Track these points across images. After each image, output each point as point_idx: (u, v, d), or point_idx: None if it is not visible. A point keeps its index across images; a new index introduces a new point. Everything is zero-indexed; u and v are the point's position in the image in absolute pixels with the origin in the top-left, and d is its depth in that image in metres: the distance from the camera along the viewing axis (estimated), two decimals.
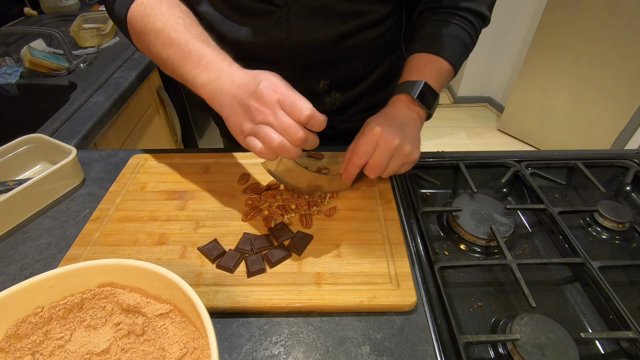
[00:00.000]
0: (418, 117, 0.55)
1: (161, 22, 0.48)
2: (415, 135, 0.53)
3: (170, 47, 0.47)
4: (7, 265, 0.49)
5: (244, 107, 0.43)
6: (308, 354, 0.39)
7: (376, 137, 0.50)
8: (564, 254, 0.53)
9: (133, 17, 0.51)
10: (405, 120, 0.53)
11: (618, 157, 0.66)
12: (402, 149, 0.50)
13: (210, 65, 0.45)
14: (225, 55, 0.47)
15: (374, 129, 0.50)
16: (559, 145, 2.23)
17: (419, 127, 0.55)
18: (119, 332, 0.36)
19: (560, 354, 0.38)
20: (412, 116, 0.54)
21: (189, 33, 0.47)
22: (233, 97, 0.43)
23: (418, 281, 0.46)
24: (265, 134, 0.41)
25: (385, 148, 0.50)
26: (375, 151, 0.50)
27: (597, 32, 1.86)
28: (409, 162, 0.53)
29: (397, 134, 0.50)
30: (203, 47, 0.46)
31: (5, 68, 1.03)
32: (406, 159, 0.52)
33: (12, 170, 0.61)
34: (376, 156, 0.50)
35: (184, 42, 0.46)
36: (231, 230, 0.52)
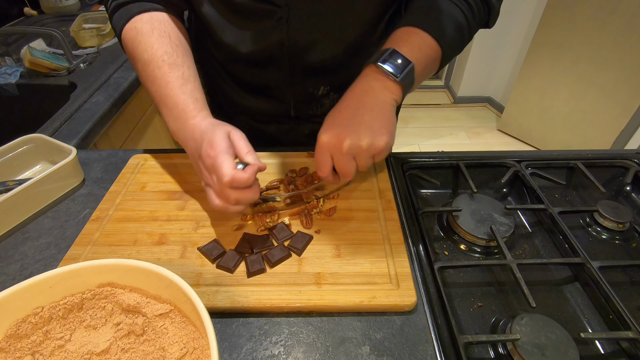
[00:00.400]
0: (385, 89, 0.47)
1: (148, 55, 0.50)
2: (377, 117, 0.46)
3: (153, 84, 0.51)
4: (7, 265, 0.49)
5: (197, 165, 0.47)
6: (308, 354, 0.39)
7: (325, 146, 0.46)
8: (564, 254, 0.53)
9: (126, 38, 0.54)
10: (363, 102, 0.47)
11: (618, 157, 0.66)
12: (358, 146, 0.45)
13: (179, 116, 0.49)
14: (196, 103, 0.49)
15: (320, 138, 0.47)
16: (559, 145, 2.23)
17: (386, 102, 0.47)
18: (119, 332, 0.36)
19: (560, 354, 0.38)
20: (373, 91, 0.47)
21: (170, 74, 0.50)
22: (191, 154, 0.48)
23: (418, 281, 0.46)
24: (209, 195, 0.45)
25: (338, 154, 0.46)
26: (333, 159, 0.47)
27: (597, 32, 1.86)
28: (377, 153, 0.46)
29: (346, 133, 0.45)
30: (178, 95, 0.49)
31: (5, 68, 1.03)
32: (369, 152, 0.46)
33: (12, 170, 0.61)
34: (337, 163, 0.47)
35: (164, 84, 0.50)
36: (231, 230, 0.52)
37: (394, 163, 0.64)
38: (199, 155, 0.46)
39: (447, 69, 2.91)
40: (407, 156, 0.65)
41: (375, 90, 0.47)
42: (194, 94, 0.50)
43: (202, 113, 0.49)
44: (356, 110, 0.46)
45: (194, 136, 0.47)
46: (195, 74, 0.52)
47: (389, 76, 0.47)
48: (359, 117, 0.46)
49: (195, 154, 0.46)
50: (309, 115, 0.69)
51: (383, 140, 0.45)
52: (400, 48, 0.47)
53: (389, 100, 0.47)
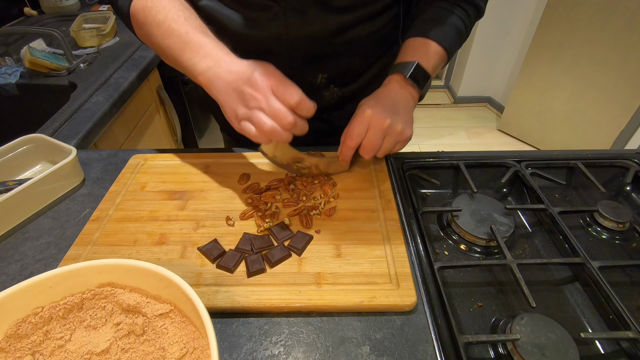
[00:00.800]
0: (410, 96, 0.56)
1: (162, 15, 0.51)
2: (407, 114, 0.55)
3: (171, 37, 0.50)
4: (7, 265, 0.49)
5: (239, 93, 0.46)
6: (308, 354, 0.39)
7: (367, 118, 0.52)
8: (564, 254, 0.53)
9: (135, 9, 0.54)
10: (397, 99, 0.55)
11: (618, 157, 0.66)
12: (394, 128, 0.52)
13: (208, 54, 0.48)
14: (223, 45, 0.50)
15: (365, 111, 0.52)
16: (559, 145, 2.23)
17: (412, 107, 0.57)
18: (119, 332, 0.36)
19: (560, 354, 0.38)
20: (404, 96, 0.56)
21: (188, 24, 0.50)
22: (229, 84, 0.47)
23: (418, 281, 0.46)
24: (258, 118, 0.45)
25: (377, 129, 0.52)
26: (367, 132, 0.52)
27: (597, 32, 1.86)
28: (402, 141, 0.54)
29: (388, 114, 0.52)
30: (202, 38, 0.49)
31: (5, 68, 1.03)
32: (399, 137, 0.53)
33: (12, 170, 0.61)
34: (369, 137, 0.52)
35: (184, 32, 0.49)
36: (231, 230, 0.52)
37: (394, 163, 0.64)
38: (246, 80, 0.46)
39: (447, 69, 2.91)
40: (407, 156, 0.65)
41: (404, 95, 0.56)
42: (216, 38, 0.51)
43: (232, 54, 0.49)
44: (392, 103, 0.54)
45: (237, 68, 0.47)
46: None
47: (415, 87, 0.56)
48: (395, 108, 0.54)
49: (240, 81, 0.46)
50: None
51: (410, 131, 0.55)
52: (421, 61, 0.56)
53: (413, 105, 0.57)
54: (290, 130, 0.46)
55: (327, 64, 0.65)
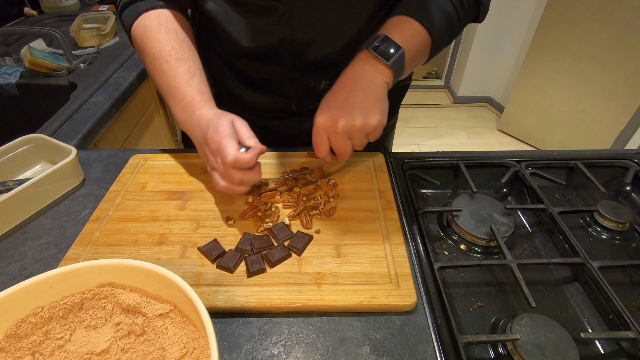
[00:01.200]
0: (377, 72, 0.50)
1: (157, 50, 0.54)
2: (369, 97, 0.49)
3: (161, 78, 0.54)
4: (7, 265, 0.49)
5: (202, 151, 0.51)
6: (308, 354, 0.39)
7: (321, 127, 0.50)
8: (564, 254, 0.53)
9: (135, 34, 0.57)
10: (356, 83, 0.50)
11: (618, 157, 0.66)
12: (351, 125, 0.48)
13: (186, 108, 0.52)
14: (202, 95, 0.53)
15: (316, 120, 0.50)
16: (559, 145, 2.23)
17: (378, 84, 0.50)
18: (119, 332, 0.36)
19: (560, 354, 0.39)
20: (366, 74, 0.50)
21: (178, 68, 0.53)
22: (197, 140, 0.52)
23: (418, 281, 0.46)
24: (214, 177, 0.49)
25: (334, 134, 0.49)
26: (330, 138, 0.50)
27: (597, 32, 1.86)
28: (371, 132, 0.50)
29: (340, 114, 0.48)
30: (185, 88, 0.52)
31: (5, 68, 1.03)
32: (363, 131, 0.49)
33: (12, 170, 0.61)
34: (333, 143, 0.51)
35: (172, 77, 0.53)
36: (231, 230, 0.52)
37: (394, 163, 0.64)
38: (205, 141, 0.49)
39: (447, 69, 2.91)
40: (407, 156, 0.65)
41: (367, 74, 0.50)
42: (200, 86, 0.53)
43: (208, 104, 0.52)
44: (349, 92, 0.49)
45: (200, 125, 0.50)
46: (200, 68, 0.56)
47: (381, 60, 0.50)
48: (351, 99, 0.49)
49: (202, 140, 0.50)
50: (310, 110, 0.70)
51: (375, 118, 0.48)
52: (392, 35, 0.50)
53: (380, 82, 0.50)
54: (241, 185, 0.48)
55: (330, 70, 0.64)
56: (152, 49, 0.54)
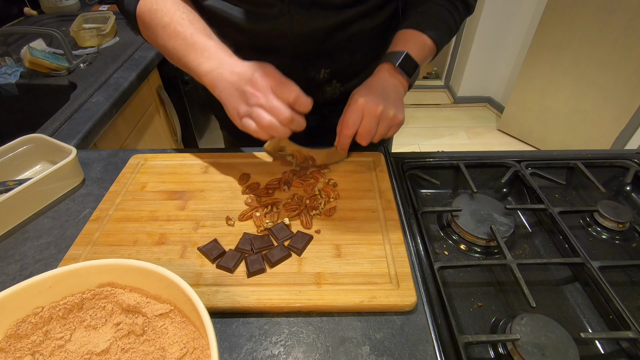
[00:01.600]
0: (400, 84, 0.58)
1: (168, 17, 0.54)
2: (398, 99, 0.56)
3: (177, 39, 0.53)
4: (7, 265, 0.49)
5: (241, 92, 0.49)
6: (308, 354, 0.39)
7: (361, 107, 0.53)
8: (564, 254, 0.53)
9: (141, 11, 0.57)
10: (387, 86, 0.56)
11: (618, 157, 0.66)
12: (386, 113, 0.54)
13: (212, 55, 0.51)
14: (226, 47, 0.53)
15: (358, 100, 0.53)
16: (559, 145, 2.23)
17: (401, 93, 0.58)
18: (119, 332, 0.36)
19: (560, 354, 0.39)
20: (393, 83, 0.58)
21: (193, 27, 0.53)
22: (232, 84, 0.50)
23: (418, 281, 0.46)
24: (258, 114, 0.48)
25: (370, 116, 0.53)
26: (362, 120, 0.54)
27: (597, 32, 1.86)
28: (395, 125, 0.56)
29: (379, 101, 0.53)
30: (206, 40, 0.52)
31: (5, 68, 1.03)
32: (392, 122, 0.55)
33: (12, 170, 0.61)
34: (364, 124, 0.54)
35: (189, 34, 0.52)
36: (231, 230, 0.52)
37: (394, 163, 0.64)
38: (247, 80, 0.49)
39: (447, 69, 2.92)
40: (407, 156, 0.66)
41: (393, 83, 0.58)
42: (220, 41, 0.54)
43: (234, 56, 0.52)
44: (383, 89, 0.56)
45: (239, 69, 0.50)
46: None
47: (403, 76, 0.58)
48: (386, 95, 0.55)
49: (241, 81, 0.49)
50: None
51: (402, 115, 0.56)
52: (410, 51, 0.57)
53: (402, 91, 0.59)
54: (287, 125, 0.48)
55: (329, 59, 0.66)
56: (163, 18, 0.54)
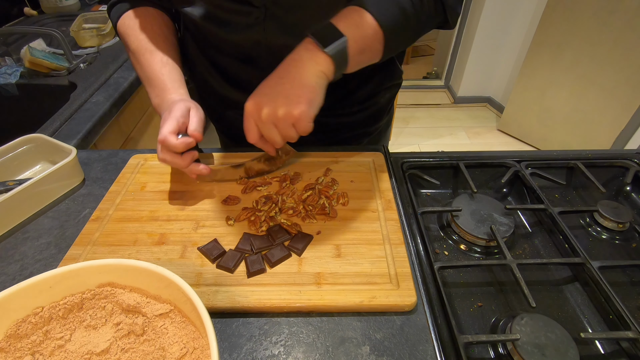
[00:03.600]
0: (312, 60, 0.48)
1: (135, 45, 0.60)
2: (296, 86, 0.47)
3: (140, 69, 0.60)
4: (7, 265, 0.49)
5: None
6: (308, 354, 0.39)
7: (248, 112, 0.49)
8: (564, 254, 0.53)
9: (119, 32, 0.64)
10: (288, 70, 0.48)
11: (618, 157, 0.66)
12: (274, 115, 0.46)
13: (159, 94, 0.58)
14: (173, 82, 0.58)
15: (245, 105, 0.49)
16: (559, 145, 2.23)
17: (310, 73, 0.47)
18: (119, 332, 0.36)
19: (560, 354, 0.39)
20: (301, 61, 0.48)
21: (152, 59, 0.59)
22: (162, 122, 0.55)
23: (418, 281, 0.46)
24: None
25: (259, 122, 0.48)
26: (257, 125, 0.49)
27: (597, 32, 1.86)
28: (295, 121, 0.47)
29: (264, 101, 0.47)
30: (159, 76, 0.58)
31: (5, 68, 1.03)
32: (287, 121, 0.47)
33: (12, 170, 0.61)
34: (261, 130, 0.49)
35: (147, 67, 0.59)
36: (231, 230, 0.52)
37: (394, 163, 0.64)
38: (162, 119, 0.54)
39: (447, 69, 2.91)
40: (407, 156, 0.66)
41: (303, 61, 0.48)
42: (172, 75, 0.59)
43: (179, 91, 0.58)
44: (279, 79, 0.48)
45: (167, 107, 0.55)
46: (174, 58, 0.61)
47: (319, 46, 0.47)
48: (279, 86, 0.48)
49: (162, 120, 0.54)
50: None
51: (299, 108, 0.46)
52: (337, 23, 0.48)
53: (315, 71, 0.48)
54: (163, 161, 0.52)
55: None
56: (131, 44, 0.60)
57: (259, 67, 0.63)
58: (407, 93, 2.92)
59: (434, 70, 3.21)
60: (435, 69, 3.21)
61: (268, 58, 0.61)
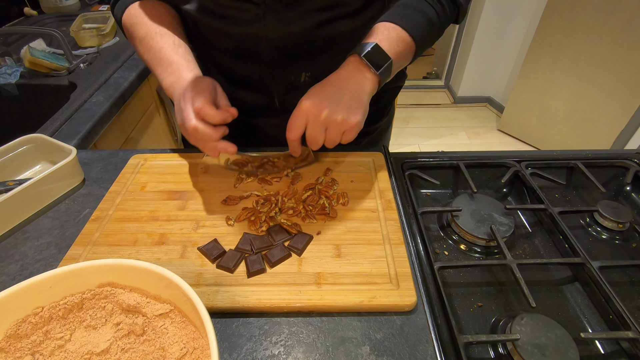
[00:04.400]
0: (365, 79, 0.52)
1: (143, 31, 0.59)
2: (354, 99, 0.51)
3: (149, 53, 0.59)
4: (7, 265, 0.49)
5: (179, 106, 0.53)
6: (308, 354, 0.39)
7: (304, 111, 0.50)
8: (564, 254, 0.53)
9: (125, 24, 0.62)
10: (345, 84, 0.51)
11: (618, 157, 0.66)
12: (333, 119, 0.49)
13: (174, 71, 0.56)
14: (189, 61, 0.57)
15: (302, 103, 0.50)
16: (559, 145, 2.23)
17: (364, 90, 0.52)
18: (119, 332, 0.36)
19: (560, 354, 0.39)
20: (355, 79, 0.52)
21: (163, 41, 0.58)
22: (177, 98, 0.54)
23: (418, 281, 0.46)
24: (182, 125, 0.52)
25: (314, 121, 0.50)
26: (307, 125, 0.50)
27: (597, 32, 1.86)
28: (349, 130, 0.50)
29: (326, 104, 0.49)
30: (172, 55, 0.57)
31: (5, 68, 1.03)
32: (342, 127, 0.50)
33: (12, 170, 0.61)
34: (309, 130, 0.51)
35: (158, 49, 0.58)
36: (231, 230, 0.52)
37: (394, 163, 0.64)
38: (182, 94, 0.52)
39: (447, 69, 2.92)
40: (407, 156, 0.66)
41: (356, 78, 0.52)
42: (186, 55, 0.58)
43: (194, 70, 0.56)
44: (338, 89, 0.51)
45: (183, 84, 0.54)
46: (185, 42, 0.60)
47: (371, 69, 0.52)
48: (339, 95, 0.50)
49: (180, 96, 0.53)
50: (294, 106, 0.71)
51: (356, 118, 0.50)
52: (381, 43, 0.52)
53: (367, 89, 0.52)
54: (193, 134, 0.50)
55: (309, 62, 0.64)
56: (140, 32, 0.60)
57: (260, 62, 0.63)
58: (407, 93, 2.92)
59: (434, 70, 3.21)
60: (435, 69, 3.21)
61: (269, 53, 0.61)
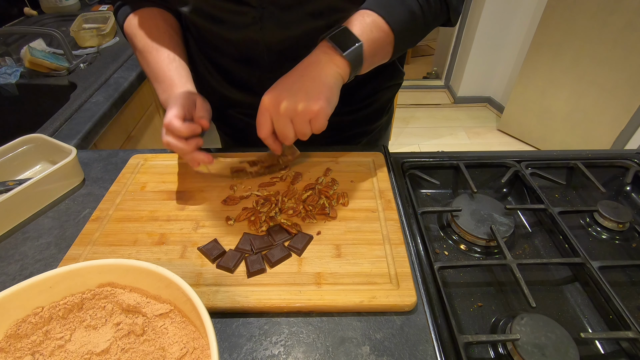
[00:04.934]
0: (331, 62, 0.49)
1: (142, 44, 0.61)
2: (317, 84, 0.48)
3: (147, 67, 0.61)
4: (7, 265, 0.49)
5: None
6: (308, 354, 0.39)
7: (265, 106, 0.49)
8: (564, 254, 0.53)
9: (126, 32, 0.65)
10: (309, 70, 0.49)
11: (618, 157, 0.66)
12: (293, 109, 0.47)
13: (166, 88, 0.59)
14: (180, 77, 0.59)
15: (263, 99, 0.49)
16: (559, 145, 2.23)
17: (329, 74, 0.49)
18: (119, 332, 0.36)
19: (560, 354, 0.39)
20: (320, 63, 0.49)
21: (158, 56, 0.60)
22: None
23: (418, 281, 0.46)
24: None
25: (276, 115, 0.48)
26: (272, 119, 0.49)
27: (597, 32, 1.86)
28: (314, 118, 0.48)
29: (285, 96, 0.47)
30: (166, 72, 0.59)
31: (5, 68, 1.03)
32: (305, 116, 0.47)
33: (12, 170, 0.61)
34: (275, 124, 0.49)
35: (154, 64, 0.60)
36: (231, 230, 0.52)
37: (394, 163, 0.64)
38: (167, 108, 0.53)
39: (447, 69, 2.92)
40: (407, 156, 0.66)
41: (322, 62, 0.49)
42: (179, 70, 0.60)
43: (187, 85, 0.58)
44: (300, 77, 0.49)
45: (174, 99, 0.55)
46: (180, 55, 0.62)
47: (337, 51, 0.49)
48: (299, 83, 0.48)
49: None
50: None
51: (318, 104, 0.47)
52: (352, 27, 0.50)
53: (333, 72, 0.49)
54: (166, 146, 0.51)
55: None
56: (138, 44, 0.61)
57: (259, 66, 0.63)
58: (407, 93, 2.92)
59: (434, 70, 3.21)
60: (435, 69, 3.21)
61: (267, 57, 0.61)
